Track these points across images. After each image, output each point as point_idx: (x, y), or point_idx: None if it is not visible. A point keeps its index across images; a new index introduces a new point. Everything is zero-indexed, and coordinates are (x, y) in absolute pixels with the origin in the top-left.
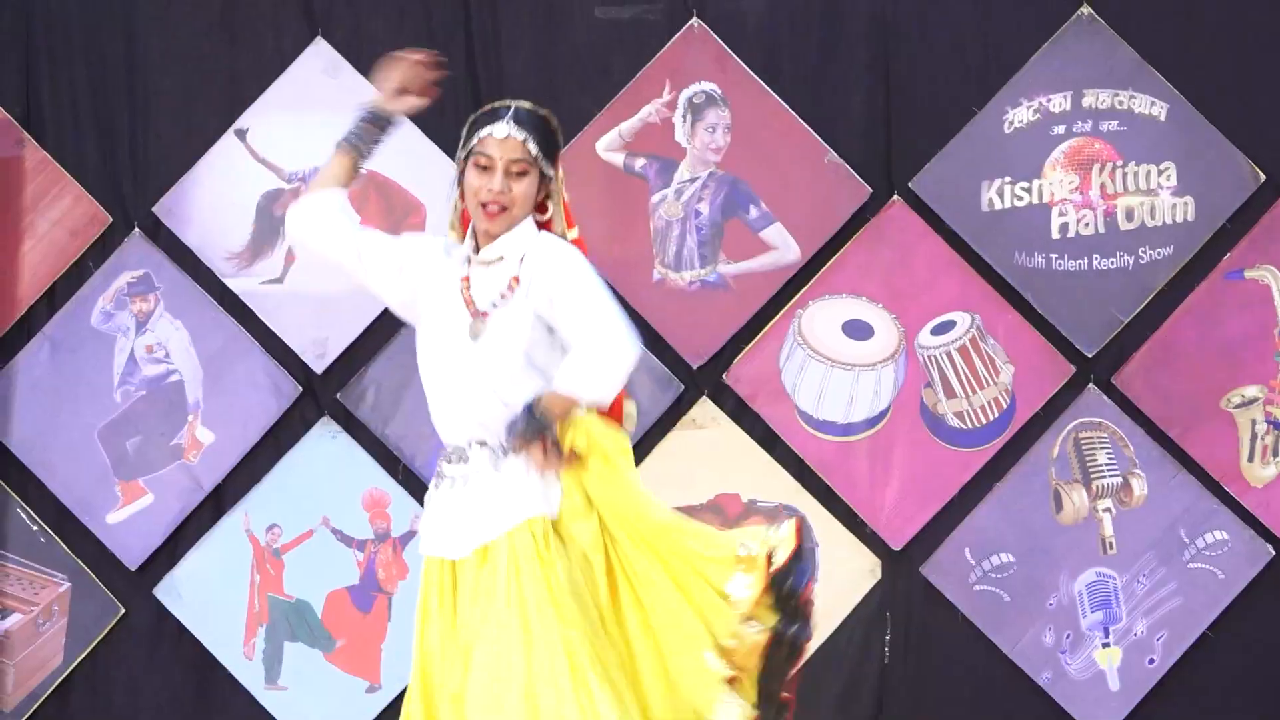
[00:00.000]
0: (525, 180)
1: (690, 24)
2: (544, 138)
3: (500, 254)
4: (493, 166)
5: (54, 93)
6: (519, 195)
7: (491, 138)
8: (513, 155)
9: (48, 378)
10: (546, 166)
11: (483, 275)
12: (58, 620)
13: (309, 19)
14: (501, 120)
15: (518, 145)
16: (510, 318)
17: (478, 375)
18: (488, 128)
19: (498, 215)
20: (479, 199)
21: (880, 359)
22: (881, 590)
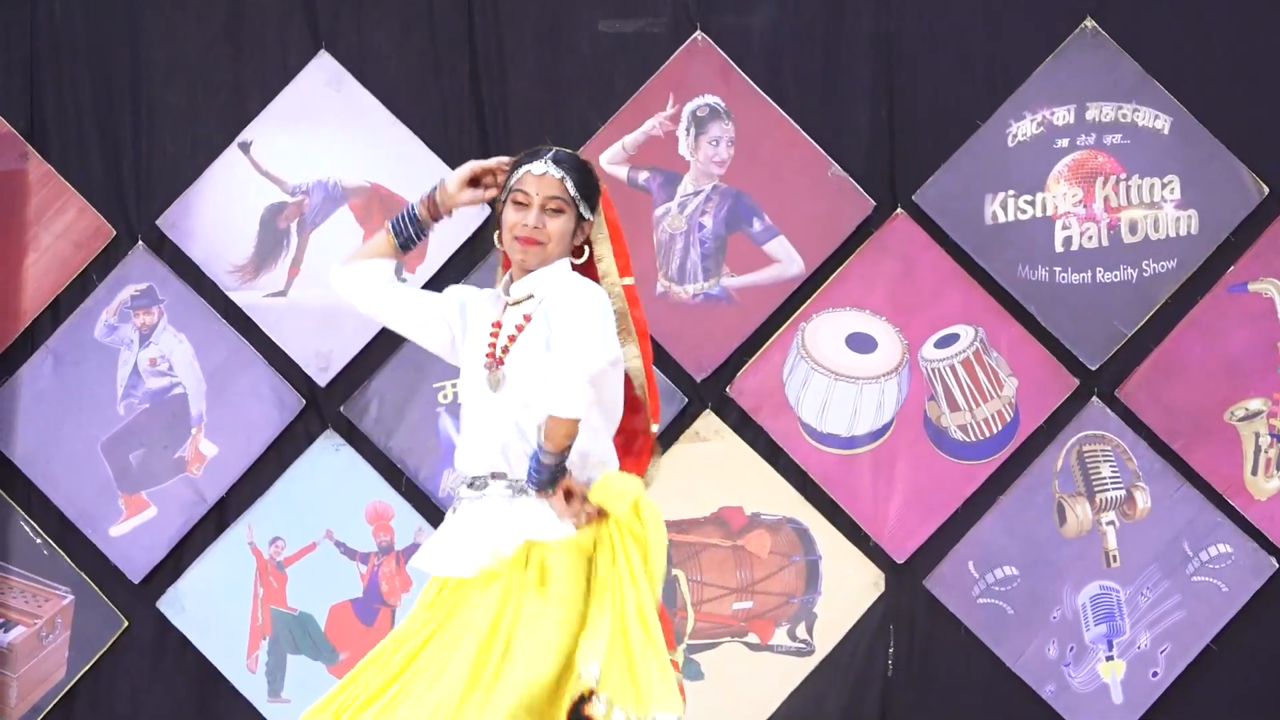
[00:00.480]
0: (561, 219)
1: (694, 37)
2: (582, 180)
3: (529, 291)
4: (529, 203)
5: (58, 105)
6: (554, 231)
7: (530, 174)
8: (549, 192)
9: (51, 390)
10: (584, 209)
11: (510, 317)
12: (61, 633)
13: (313, 32)
14: (540, 159)
15: (555, 183)
16: (523, 360)
17: (500, 419)
18: (527, 166)
19: (533, 246)
20: (515, 234)
21: (884, 372)
22: (885, 603)
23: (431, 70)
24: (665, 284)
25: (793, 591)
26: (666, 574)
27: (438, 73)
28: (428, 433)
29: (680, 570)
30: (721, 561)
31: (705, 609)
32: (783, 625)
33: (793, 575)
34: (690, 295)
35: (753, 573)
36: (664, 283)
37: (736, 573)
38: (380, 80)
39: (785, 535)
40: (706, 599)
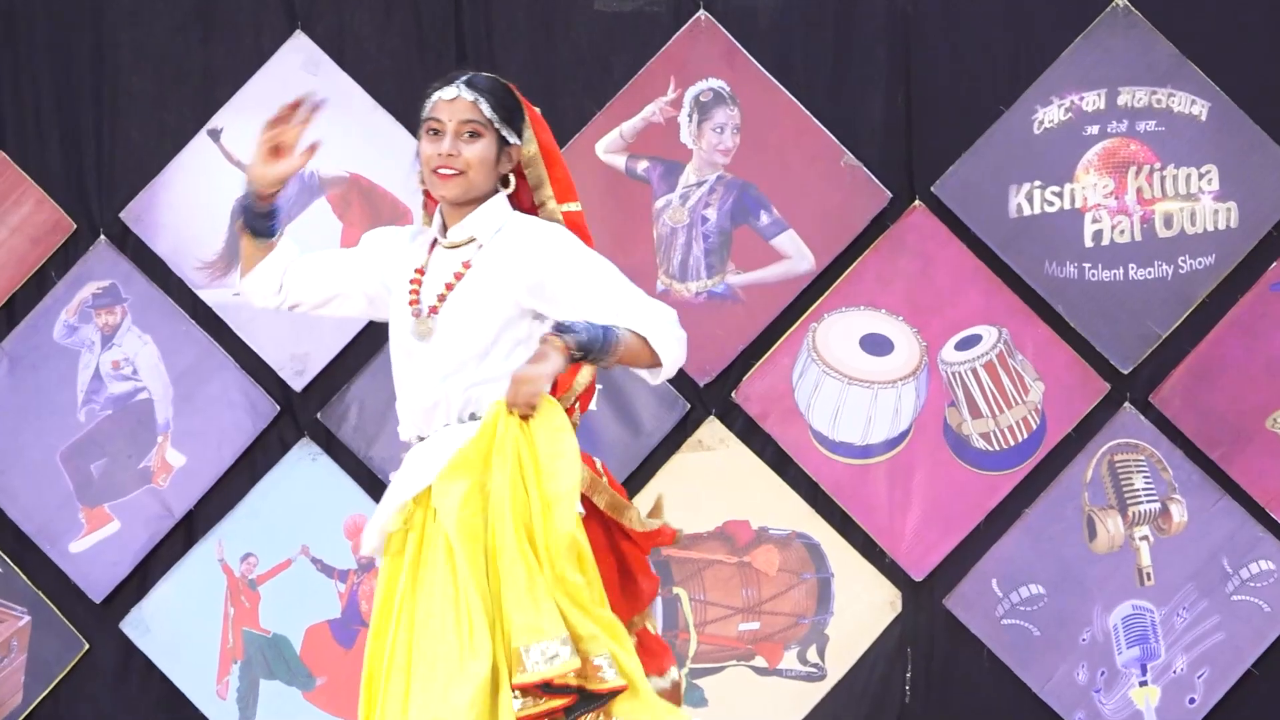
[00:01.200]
0: (479, 143)
1: (697, 17)
2: (500, 101)
3: (470, 235)
4: (443, 130)
5: (15, 91)
6: (473, 158)
7: (441, 100)
8: (462, 116)
9: (6, 396)
10: (507, 132)
11: (443, 262)
12: (17, 657)
13: (288, 12)
14: (452, 84)
15: (467, 105)
16: (462, 310)
17: (427, 374)
18: (438, 93)
19: (451, 179)
20: (430, 166)
21: (900, 376)
22: (902, 624)
23: (416, 53)
24: (666, 281)
25: (803, 612)
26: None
27: (422, 55)
28: None
29: (682, 589)
30: (726, 579)
31: (709, 630)
32: (792, 648)
33: (803, 594)
34: (693, 293)
35: (760, 591)
36: (665, 280)
37: (742, 591)
38: (360, 63)
39: (795, 551)
40: (710, 620)
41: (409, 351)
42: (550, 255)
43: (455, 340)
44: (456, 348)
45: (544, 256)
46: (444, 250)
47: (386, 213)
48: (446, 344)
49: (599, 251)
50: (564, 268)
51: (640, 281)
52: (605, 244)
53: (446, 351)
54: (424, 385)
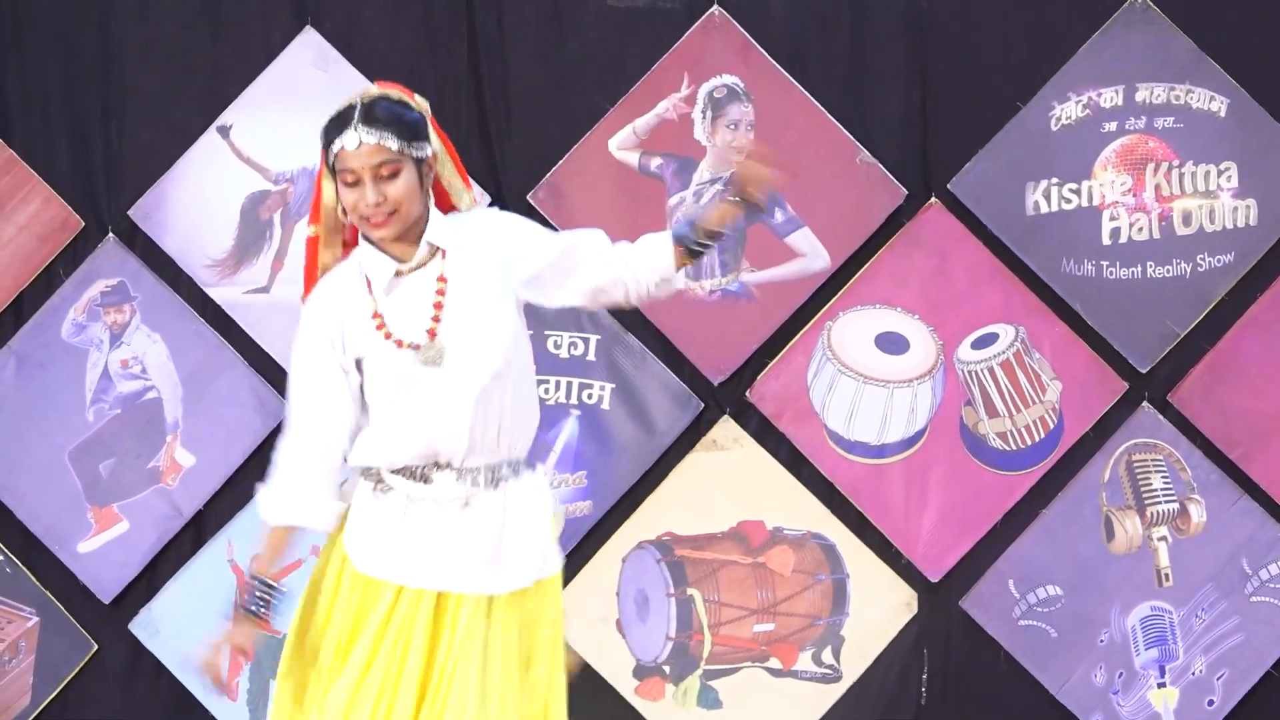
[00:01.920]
0: (400, 178)
1: (711, 12)
2: (403, 126)
3: (437, 246)
4: (360, 179)
5: (22, 87)
6: (400, 195)
7: (345, 151)
8: (374, 161)
9: (14, 396)
10: (418, 151)
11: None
12: (25, 658)
13: (298, 8)
14: (351, 128)
15: (375, 149)
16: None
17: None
18: (339, 141)
19: (386, 222)
20: (360, 214)
21: (916, 375)
22: (918, 625)
23: (427, 48)
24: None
25: (818, 613)
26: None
27: (433, 51)
28: None
29: (696, 590)
30: (741, 580)
31: (723, 632)
32: (807, 649)
33: (818, 595)
34: (707, 292)
35: (775, 592)
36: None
37: (757, 592)
38: (371, 59)
39: (810, 552)
40: (724, 621)
41: (413, 383)
42: (519, 238)
43: (474, 356)
44: (479, 361)
45: (513, 241)
46: (405, 279)
47: None
48: (465, 361)
49: None
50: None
51: None
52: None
53: (469, 369)
54: (446, 411)
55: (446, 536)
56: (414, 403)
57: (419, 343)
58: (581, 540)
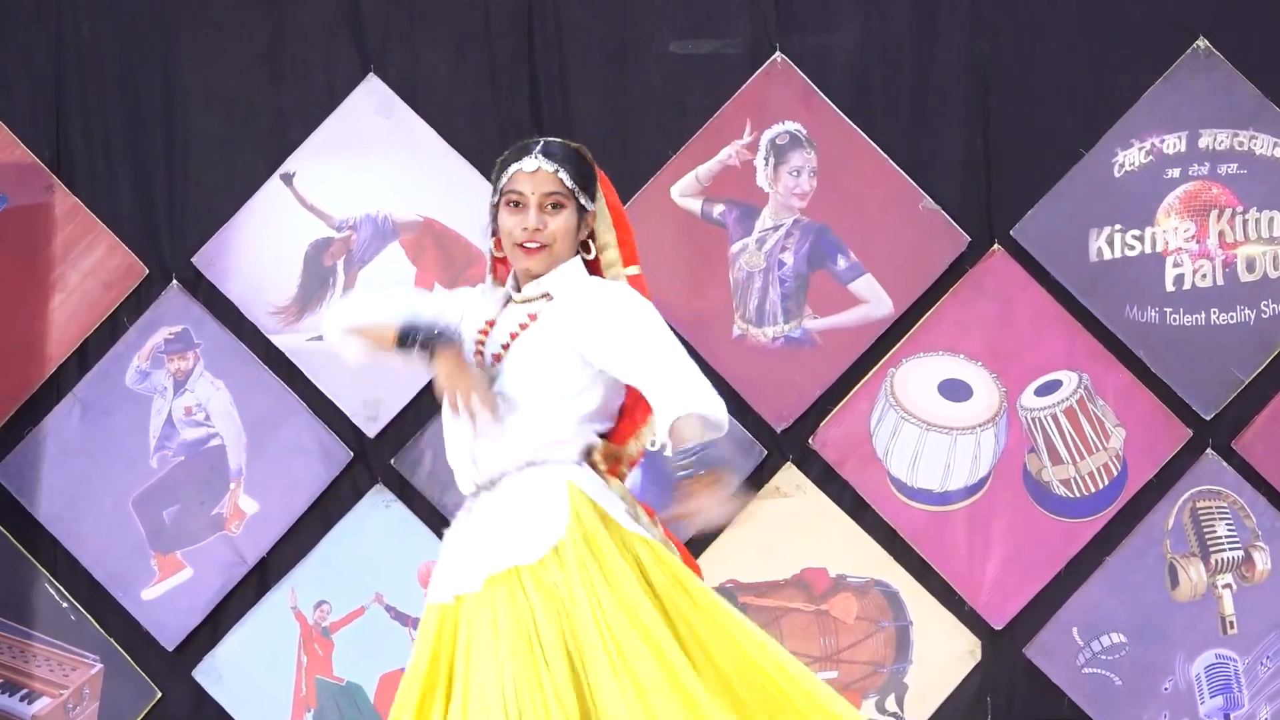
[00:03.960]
0: (562, 214)
1: (773, 59)
2: (578, 169)
3: (544, 290)
4: (525, 203)
5: (86, 134)
6: (557, 230)
7: (521, 173)
8: (545, 189)
9: (78, 442)
10: (585, 200)
11: (512, 315)
12: (89, 704)
13: (361, 54)
14: (530, 155)
15: (549, 178)
16: (523, 358)
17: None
18: (516, 164)
19: (537, 253)
20: (514, 240)
21: (980, 422)
22: (981, 673)
23: (489, 94)
24: (743, 326)
25: (881, 660)
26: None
27: (495, 97)
28: None
29: None
30: (804, 627)
31: None
32: (871, 697)
33: (881, 642)
34: (769, 338)
35: (838, 640)
36: (741, 325)
37: (820, 640)
38: (434, 106)
39: (873, 599)
40: None
41: None
42: (610, 309)
43: (517, 385)
44: (518, 392)
45: (605, 310)
46: (515, 305)
47: (459, 257)
48: (509, 389)
49: (674, 294)
50: (618, 321)
51: (716, 326)
52: (681, 288)
53: (509, 396)
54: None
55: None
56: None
57: (483, 362)
58: None
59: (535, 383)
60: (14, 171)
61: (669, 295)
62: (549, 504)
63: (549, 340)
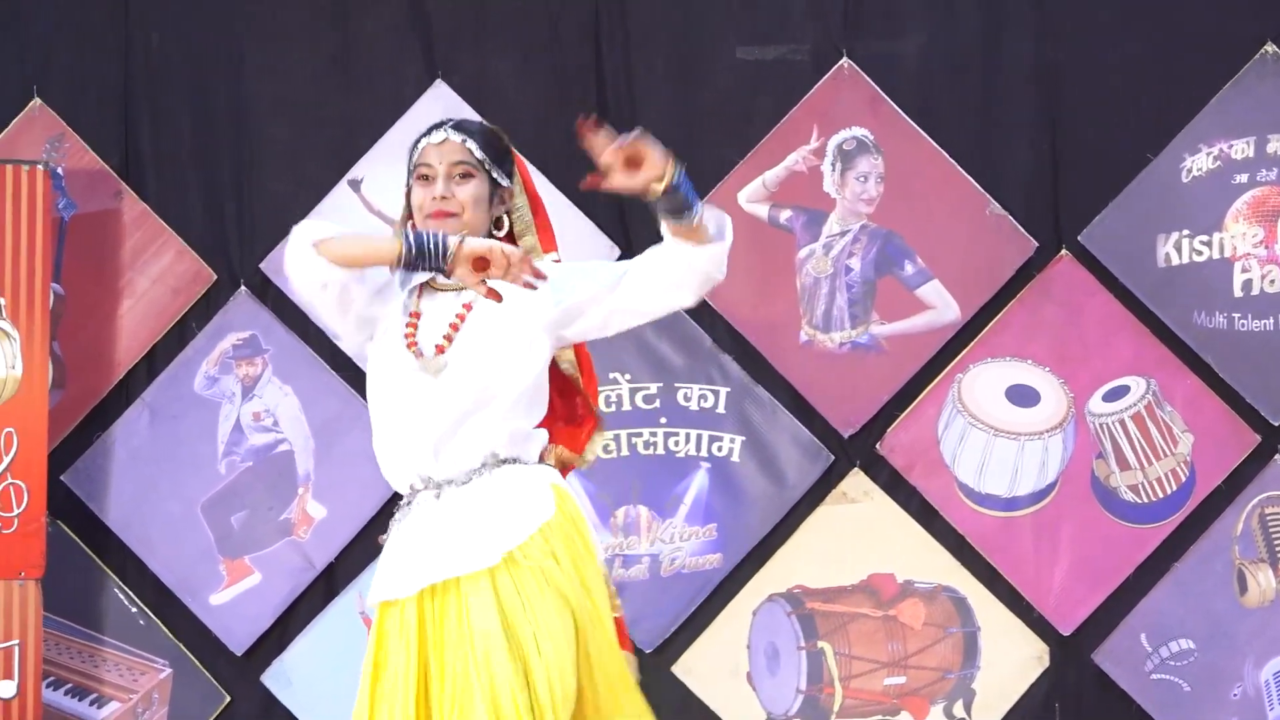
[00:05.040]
0: (472, 184)
1: (840, 65)
2: (489, 143)
3: None
4: (434, 175)
5: (155, 140)
6: (467, 199)
7: (430, 145)
8: (453, 158)
9: (147, 448)
10: (498, 174)
11: (439, 307)
12: (158, 709)
13: (428, 61)
14: (440, 128)
15: (457, 148)
16: (474, 344)
17: (436, 411)
18: (425, 139)
19: (445, 219)
20: (425, 212)
21: (1047, 427)
22: (1049, 679)
23: (556, 101)
24: (810, 332)
25: (949, 666)
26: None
27: (562, 104)
28: None
29: (827, 643)
30: (872, 633)
31: (854, 685)
32: (939, 703)
33: (949, 648)
34: (837, 344)
35: (905, 645)
36: (808, 330)
37: (888, 645)
38: (501, 112)
39: (941, 605)
40: (855, 674)
41: (411, 390)
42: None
43: (473, 374)
44: (475, 381)
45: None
46: (438, 294)
47: None
48: (464, 378)
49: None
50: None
51: (783, 331)
52: (748, 294)
53: (465, 385)
54: (436, 423)
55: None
56: (402, 405)
57: (421, 353)
58: (712, 593)
59: (495, 372)
60: (84, 178)
61: (736, 301)
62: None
63: (496, 322)
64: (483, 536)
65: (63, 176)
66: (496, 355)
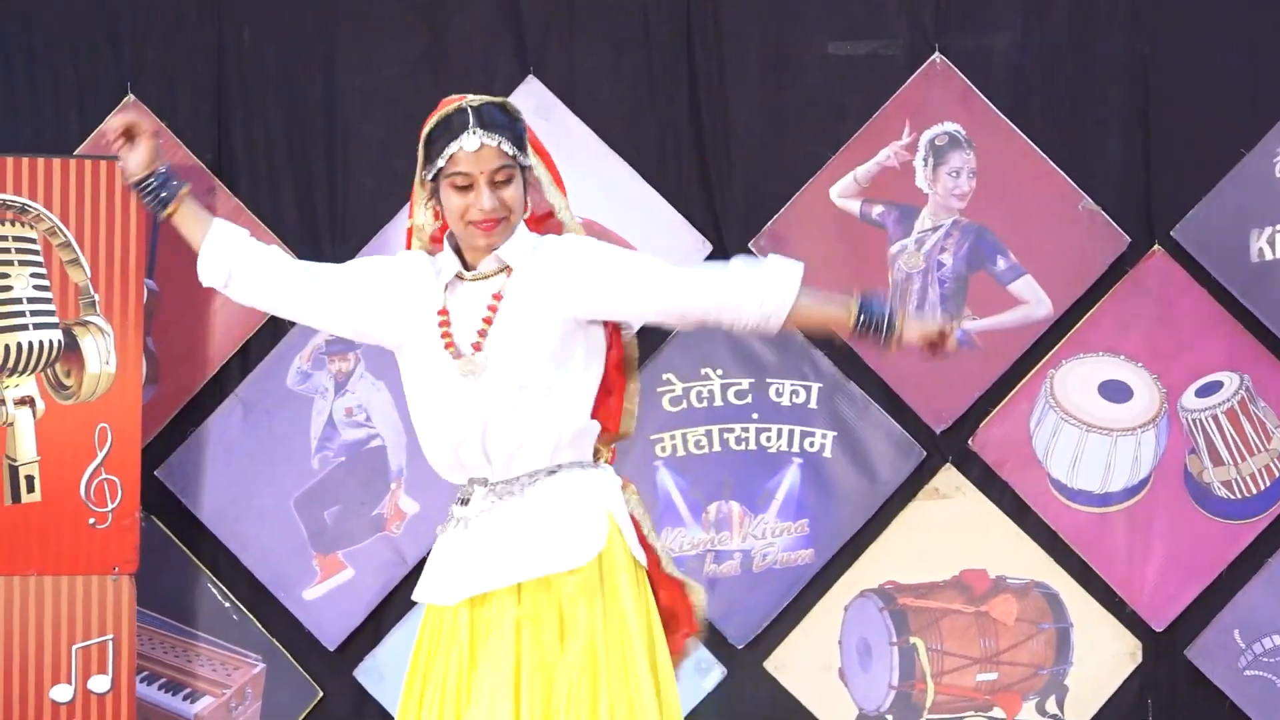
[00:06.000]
0: (513, 184)
1: (932, 60)
2: (514, 134)
3: (503, 264)
4: (474, 183)
5: (248, 138)
6: (513, 202)
7: (464, 153)
8: (492, 165)
9: (240, 443)
10: (524, 159)
11: (470, 297)
12: (251, 704)
13: (520, 57)
14: (468, 131)
15: (494, 153)
16: (509, 339)
17: (480, 409)
18: (455, 144)
19: (496, 227)
20: (468, 219)
21: (1140, 423)
22: (1142, 675)
23: (647, 97)
24: None
25: (1042, 662)
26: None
27: (654, 99)
28: (644, 488)
29: (919, 639)
30: (963, 629)
31: (945, 681)
32: (1031, 699)
33: (1041, 644)
34: None
35: (998, 641)
36: None
37: (980, 641)
38: (592, 108)
39: (1033, 601)
40: (947, 670)
41: (451, 392)
42: (585, 263)
43: (510, 372)
44: (513, 380)
45: (579, 267)
46: (467, 285)
47: None
48: (501, 378)
49: None
50: (604, 269)
51: None
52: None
53: (503, 385)
54: (478, 423)
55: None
56: (447, 412)
57: (459, 353)
58: (804, 589)
59: (531, 364)
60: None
61: None
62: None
63: (528, 316)
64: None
65: None
66: (535, 346)
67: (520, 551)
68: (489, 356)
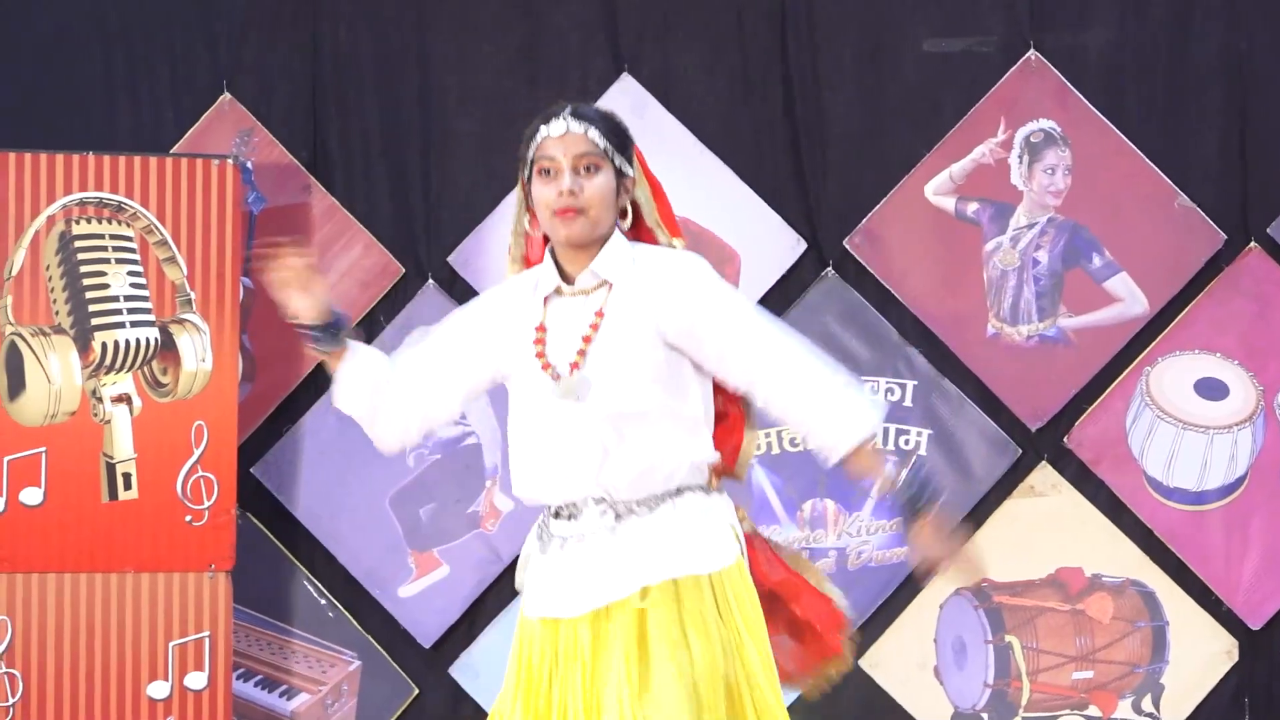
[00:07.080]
0: (599, 177)
1: (1027, 56)
2: (610, 129)
3: (601, 278)
4: (558, 168)
5: (343, 135)
6: (594, 194)
7: (550, 138)
8: (578, 150)
9: (336, 441)
10: (622, 162)
11: (570, 313)
12: (347, 701)
13: (615, 55)
14: (558, 118)
15: (580, 139)
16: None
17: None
18: (544, 130)
19: (575, 217)
20: (551, 208)
21: (1236, 421)
22: (1239, 674)
23: (742, 94)
24: (997, 325)
25: (1138, 660)
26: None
27: (749, 97)
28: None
29: (1014, 636)
30: (1059, 627)
31: (1041, 679)
32: (1127, 697)
33: (1137, 643)
34: (1024, 337)
35: (1093, 640)
36: (995, 323)
37: (1075, 639)
38: (687, 105)
39: (1129, 599)
40: (1043, 668)
41: (552, 415)
42: (696, 296)
43: (614, 397)
44: (617, 405)
45: (689, 296)
46: (567, 299)
47: (713, 257)
48: (605, 402)
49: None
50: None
51: (970, 324)
52: (935, 287)
53: (606, 410)
54: (582, 449)
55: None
56: (547, 436)
57: (558, 374)
58: (899, 587)
59: (634, 389)
60: (273, 172)
61: (923, 294)
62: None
63: (631, 336)
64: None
65: (252, 170)
66: (639, 368)
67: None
68: (588, 379)
